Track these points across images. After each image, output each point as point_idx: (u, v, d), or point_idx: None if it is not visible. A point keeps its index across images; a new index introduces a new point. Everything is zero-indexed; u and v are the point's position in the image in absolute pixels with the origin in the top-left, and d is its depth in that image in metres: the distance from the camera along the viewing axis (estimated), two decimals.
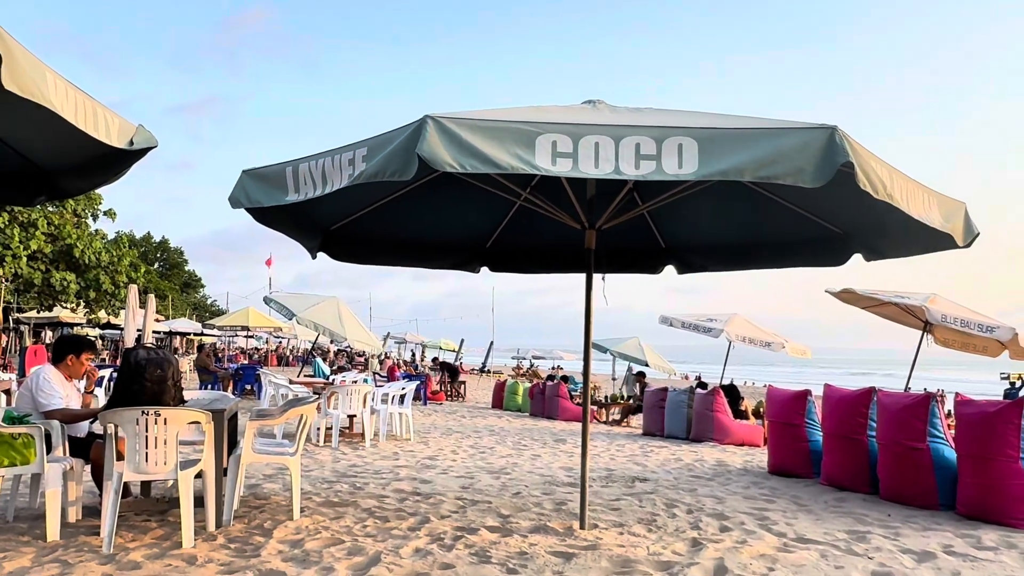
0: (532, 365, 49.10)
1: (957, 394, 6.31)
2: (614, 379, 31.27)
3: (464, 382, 23.77)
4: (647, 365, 20.69)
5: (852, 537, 5.11)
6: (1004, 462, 5.50)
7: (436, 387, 21.19)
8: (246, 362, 28.73)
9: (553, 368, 37.16)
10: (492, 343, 51.95)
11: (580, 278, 5.35)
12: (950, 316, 10.15)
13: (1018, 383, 29.44)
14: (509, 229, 6.60)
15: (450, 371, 23.38)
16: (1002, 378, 30.35)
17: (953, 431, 6.23)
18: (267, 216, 4.98)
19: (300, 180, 3.91)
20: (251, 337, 46.98)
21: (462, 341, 48.79)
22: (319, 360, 18.46)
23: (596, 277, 5.38)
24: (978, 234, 4.34)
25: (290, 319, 15.38)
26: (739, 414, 12.15)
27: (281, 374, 15.46)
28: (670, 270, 6.84)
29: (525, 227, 6.53)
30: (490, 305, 60.27)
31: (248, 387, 18.24)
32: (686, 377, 36.00)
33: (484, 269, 6.89)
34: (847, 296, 11.37)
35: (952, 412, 6.68)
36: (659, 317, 15.98)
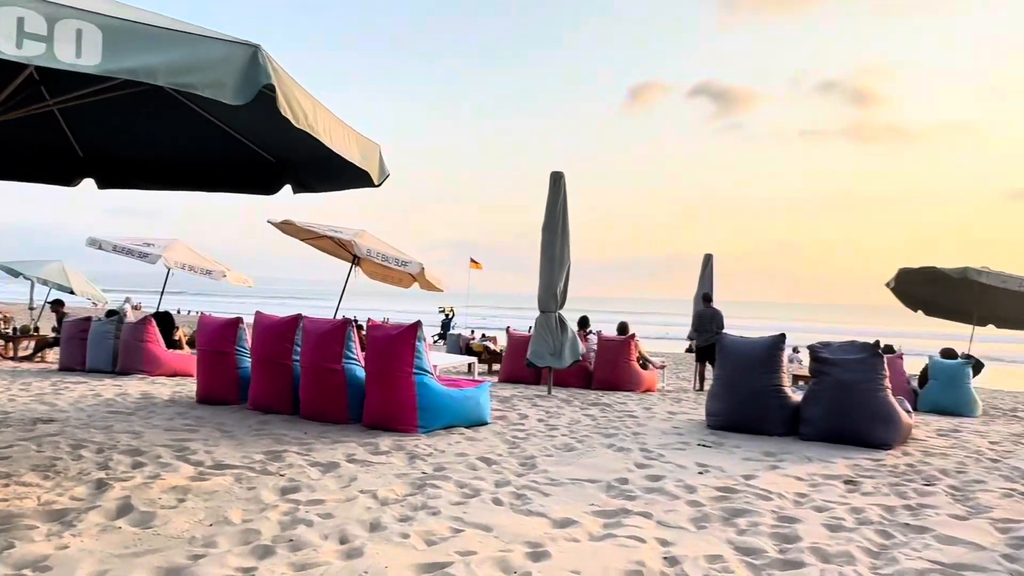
0: None
1: (369, 319, 7.03)
2: (32, 308, 27.07)
3: None
4: (72, 292, 18.37)
5: (269, 457, 5.30)
6: (401, 377, 6.35)
7: None
8: None
9: None
10: None
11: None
12: (374, 251, 11.26)
13: (451, 315, 34.95)
14: None
15: None
16: (439, 311, 35.61)
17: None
18: None
19: None
20: None
21: None
22: None
23: None
24: (389, 174, 4.80)
25: None
26: (173, 344, 11.63)
27: None
28: (91, 184, 6.04)
29: None
30: None
31: None
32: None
33: None
34: (287, 227, 11.71)
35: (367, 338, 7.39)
36: (87, 239, 14.27)
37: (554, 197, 10.25)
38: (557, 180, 10.29)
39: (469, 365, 13.34)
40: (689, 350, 26.05)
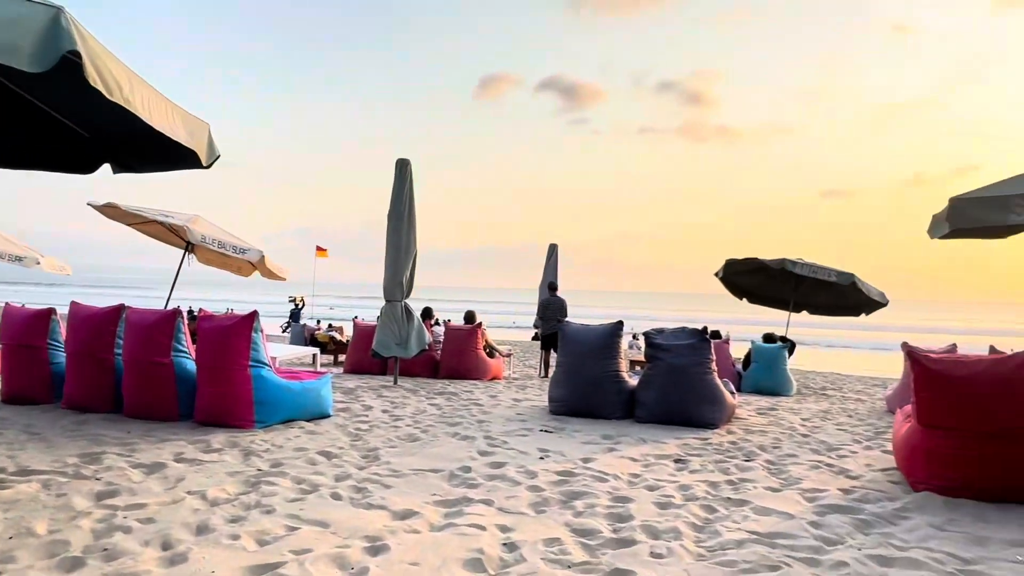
0: None
1: (201, 310, 6.62)
2: None
3: None
4: None
5: (84, 460, 4.87)
6: (236, 370, 6.03)
7: None
8: None
9: None
10: None
11: None
12: (209, 237, 10.64)
13: (301, 304, 33.78)
14: None
15: None
16: (289, 300, 34.37)
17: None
18: None
19: None
20: None
21: None
22: None
23: None
24: (219, 155, 4.52)
25: None
26: None
27: None
28: None
29: None
30: None
31: None
32: None
33: None
34: (111, 211, 10.83)
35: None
36: None
37: (400, 185, 10.11)
38: (403, 168, 10.15)
39: (313, 356, 12.94)
40: (535, 338, 26.69)
